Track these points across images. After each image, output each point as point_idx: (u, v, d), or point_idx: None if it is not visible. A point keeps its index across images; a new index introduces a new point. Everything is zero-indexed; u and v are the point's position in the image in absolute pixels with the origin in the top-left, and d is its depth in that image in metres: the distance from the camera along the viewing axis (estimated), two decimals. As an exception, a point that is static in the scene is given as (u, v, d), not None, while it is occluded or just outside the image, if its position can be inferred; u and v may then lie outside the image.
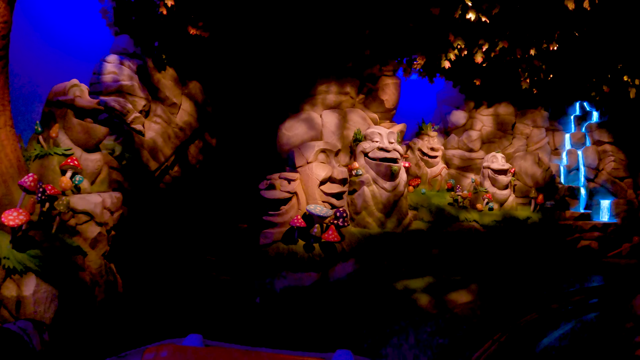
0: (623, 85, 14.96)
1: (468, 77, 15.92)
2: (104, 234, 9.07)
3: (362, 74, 14.69)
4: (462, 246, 13.47)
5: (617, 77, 14.79)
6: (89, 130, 9.29)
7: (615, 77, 14.88)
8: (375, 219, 12.06)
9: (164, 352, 3.71)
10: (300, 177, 11.37)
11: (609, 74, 15.01)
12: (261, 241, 10.98)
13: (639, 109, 16.36)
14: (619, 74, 14.61)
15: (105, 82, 11.96)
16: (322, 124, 13.20)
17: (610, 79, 15.05)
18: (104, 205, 9.00)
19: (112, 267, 9.60)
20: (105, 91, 11.81)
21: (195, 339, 4.04)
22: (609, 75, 15.05)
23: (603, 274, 13.93)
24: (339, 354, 3.84)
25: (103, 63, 12.22)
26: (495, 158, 15.47)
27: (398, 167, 12.11)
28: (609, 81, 15.12)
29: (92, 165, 9.29)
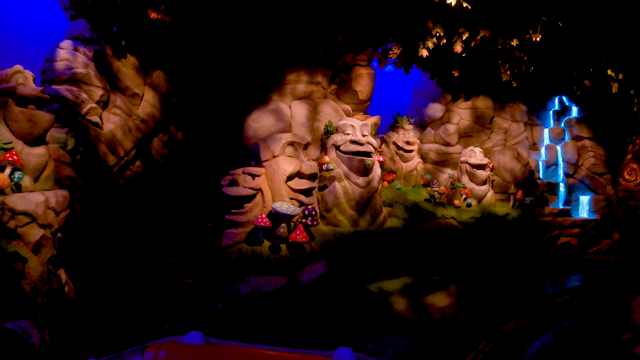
0: (605, 80, 14.56)
1: (446, 68, 15.27)
2: (49, 236, 8.09)
3: (334, 63, 13.92)
4: (440, 244, 12.85)
5: (600, 71, 14.35)
6: (32, 118, 8.34)
7: (597, 71, 14.42)
8: (347, 217, 11.30)
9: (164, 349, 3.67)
10: (266, 172, 10.55)
11: (591, 68, 14.54)
12: (223, 242, 10.13)
13: (618, 104, 16.01)
14: (602, 67, 14.15)
15: (58, 70, 10.96)
16: (291, 115, 12.39)
17: (593, 73, 14.59)
18: (47, 204, 8.03)
19: (60, 274, 8.69)
20: (57, 79, 10.81)
21: (196, 336, 3.97)
22: (591, 69, 14.60)
23: (583, 271, 13.55)
24: (340, 351, 3.81)
25: (56, 49, 11.21)
26: (473, 152, 14.88)
27: (371, 162, 11.37)
28: (591, 75, 14.65)
29: (35, 161, 8.33)
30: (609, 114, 16.92)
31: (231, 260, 9.92)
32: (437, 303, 10.21)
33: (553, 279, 12.76)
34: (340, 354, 3.80)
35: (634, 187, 16.64)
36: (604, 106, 16.82)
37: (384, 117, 15.77)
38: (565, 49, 14.11)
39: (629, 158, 16.85)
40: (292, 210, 9.90)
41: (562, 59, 14.56)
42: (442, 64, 15.11)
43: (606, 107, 16.74)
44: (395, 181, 14.42)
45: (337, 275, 10.70)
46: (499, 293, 11.05)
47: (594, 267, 14.02)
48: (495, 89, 16.69)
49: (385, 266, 11.45)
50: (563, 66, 14.96)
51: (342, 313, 9.54)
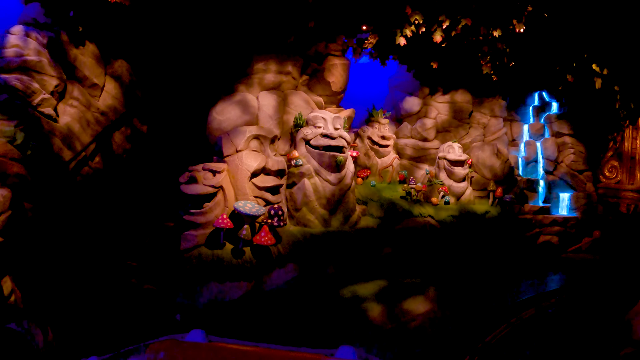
0: (588, 75, 14.04)
1: (424, 60, 14.53)
2: (-14, 242, 7.16)
3: (306, 52, 13.05)
4: (417, 244, 12.13)
5: (583, 66, 13.80)
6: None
7: (580, 66, 13.87)
8: (317, 216, 10.47)
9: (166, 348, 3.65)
10: (228, 169, 9.65)
11: (574, 63, 13.97)
12: (182, 245, 9.22)
13: (600, 101, 15.56)
14: (585, 62, 13.59)
15: (7, 57, 9.83)
16: (258, 107, 11.49)
17: (576, 67, 14.04)
18: (-19, 205, 7.07)
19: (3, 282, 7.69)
20: (6, 68, 9.69)
21: (198, 334, 3.99)
22: (574, 64, 14.04)
23: (565, 271, 13.05)
24: (342, 350, 3.82)
25: (6, 35, 10.07)
26: (451, 148, 14.19)
27: (344, 157, 10.56)
28: (574, 70, 14.09)
29: (-32, 157, 7.34)
30: (590, 111, 16.50)
31: (190, 265, 9.02)
32: (416, 309, 9.48)
33: (535, 280, 12.20)
34: (342, 352, 3.78)
35: (614, 184, 16.35)
36: (585, 102, 16.37)
37: (358, 110, 15.00)
38: (549, 42, 13.49)
39: (609, 155, 16.53)
40: (256, 210, 9.03)
41: (545, 52, 13.95)
42: (420, 55, 14.36)
43: (587, 103, 16.30)
44: (369, 177, 13.65)
45: (307, 279, 9.89)
46: (480, 295, 10.39)
47: (576, 266, 13.55)
48: (474, 83, 16.04)
49: (360, 268, 10.69)
50: (545, 60, 14.37)
51: (312, 322, 8.72)
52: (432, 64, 13.71)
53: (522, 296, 10.66)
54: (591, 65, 13.26)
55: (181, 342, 3.82)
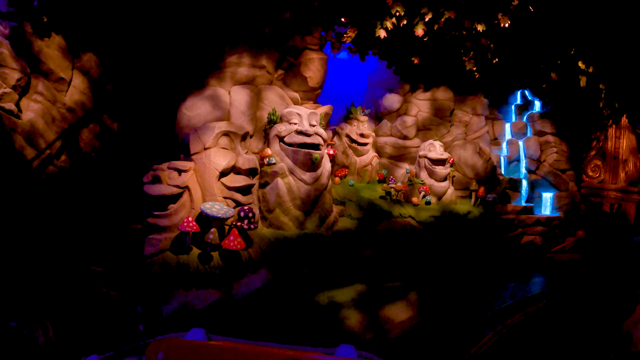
0: (572, 73, 13.66)
1: (405, 55, 14.02)
2: None
3: (282, 46, 12.45)
4: (397, 246, 11.60)
5: (568, 63, 13.41)
6: None
7: (566, 63, 13.48)
8: (292, 218, 9.86)
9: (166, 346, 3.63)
10: (195, 167, 8.99)
11: (559, 60, 13.58)
12: (146, 250, 8.53)
13: (584, 99, 15.25)
14: (571, 60, 13.19)
15: None
16: (230, 103, 10.86)
17: (561, 65, 13.64)
18: None
19: None
20: None
21: (198, 332, 3.97)
22: (559, 62, 13.64)
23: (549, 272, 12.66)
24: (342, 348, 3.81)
25: None
26: (432, 146, 13.70)
27: (320, 155, 9.97)
28: (558, 68, 13.70)
29: None
30: (573, 110, 16.19)
31: (154, 272, 8.36)
32: (396, 317, 8.89)
33: (519, 281, 11.77)
34: (342, 351, 3.77)
35: (597, 183, 16.07)
36: (568, 101, 16.05)
37: (337, 107, 14.45)
38: (534, 39, 13.05)
39: (592, 154, 16.25)
40: (224, 212, 8.39)
41: (529, 49, 13.52)
42: (401, 50, 13.85)
43: (570, 102, 15.97)
44: (347, 177, 13.10)
45: (281, 285, 9.29)
46: (463, 299, 9.89)
47: (560, 267, 13.16)
48: (456, 80, 15.57)
49: (337, 273, 10.10)
50: (529, 57, 13.94)
51: (286, 332, 8.11)
52: (414, 59, 13.21)
53: (507, 299, 10.20)
54: (577, 62, 12.85)
55: (181, 340, 3.80)
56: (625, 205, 15.23)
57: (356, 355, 3.82)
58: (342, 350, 3.85)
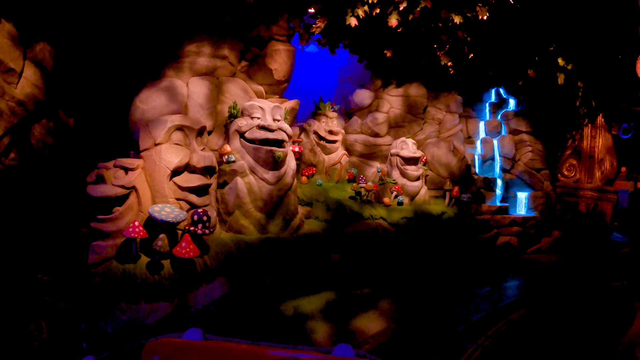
0: (550, 71, 13.17)
1: (377, 49, 13.33)
2: None
3: (246, 36, 11.61)
4: (368, 249, 10.90)
5: (547, 60, 12.89)
6: None
7: (543, 60, 12.96)
8: (253, 221, 9.03)
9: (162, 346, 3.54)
10: (144, 165, 8.11)
11: (537, 57, 13.04)
12: (90, 258, 7.62)
13: (559, 98, 14.83)
14: (549, 56, 12.66)
15: None
16: (188, 95, 9.98)
17: (538, 62, 13.12)
18: None
19: None
20: None
21: (195, 333, 3.77)
22: (537, 58, 13.12)
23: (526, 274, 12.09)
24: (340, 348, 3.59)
25: None
26: (405, 144, 13.04)
27: (283, 152, 9.16)
28: (536, 64, 13.17)
29: None
30: (549, 108, 15.78)
31: (97, 283, 7.46)
32: (368, 328, 8.13)
33: (497, 284, 11.18)
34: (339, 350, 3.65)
35: (572, 183, 15.67)
36: (543, 100, 15.63)
37: (305, 103, 13.69)
38: (513, 33, 12.46)
39: (568, 153, 15.85)
40: (174, 216, 7.53)
41: (507, 44, 12.94)
42: (373, 43, 13.15)
43: (546, 100, 15.56)
44: (315, 176, 12.34)
45: (241, 295, 8.47)
46: (439, 306, 9.21)
47: (537, 269, 12.63)
48: (430, 77, 15.03)
49: (303, 280, 9.34)
50: (507, 53, 13.38)
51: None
52: (386, 52, 12.52)
53: (486, 304, 9.58)
54: (556, 59, 12.32)
55: (177, 341, 3.67)
56: (602, 205, 14.86)
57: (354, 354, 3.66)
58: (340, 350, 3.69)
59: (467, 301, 9.76)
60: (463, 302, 9.68)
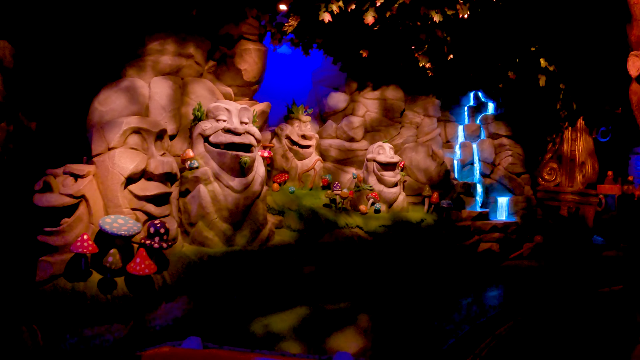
0: (530, 72, 12.76)
1: (352, 49, 12.77)
2: None
3: (215, 34, 10.96)
4: (344, 260, 10.24)
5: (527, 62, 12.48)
6: None
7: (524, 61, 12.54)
8: (217, 232, 8.27)
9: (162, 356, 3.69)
10: (97, 172, 7.36)
11: (518, 58, 12.62)
12: (37, 275, 6.81)
13: (540, 101, 14.48)
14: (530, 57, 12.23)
15: None
16: (150, 96, 9.23)
17: (519, 63, 12.70)
18: None
19: None
20: None
21: (194, 341, 3.99)
22: (518, 60, 12.69)
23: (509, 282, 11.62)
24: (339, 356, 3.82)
25: None
26: (382, 149, 12.45)
27: (250, 158, 8.43)
28: (517, 66, 12.74)
29: None
30: (528, 111, 15.46)
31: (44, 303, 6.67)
32: (346, 347, 7.46)
33: (480, 294, 10.69)
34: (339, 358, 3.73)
35: (553, 187, 15.43)
36: (523, 103, 15.28)
37: (279, 107, 13.04)
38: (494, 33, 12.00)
39: (548, 157, 15.59)
40: (127, 228, 6.79)
41: (488, 44, 12.48)
42: (348, 43, 12.57)
43: (525, 103, 15.21)
44: (288, 183, 11.66)
45: (205, 314, 7.74)
46: (421, 320, 8.60)
47: (520, 275, 12.21)
48: (407, 79, 14.51)
49: (274, 295, 8.64)
50: (487, 54, 12.93)
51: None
52: (362, 52, 11.98)
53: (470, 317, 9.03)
54: (537, 60, 11.89)
55: (177, 349, 3.76)
56: (584, 209, 14.55)
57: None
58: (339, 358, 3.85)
59: (450, 314, 9.20)
60: (446, 314, 9.12)
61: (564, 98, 13.35)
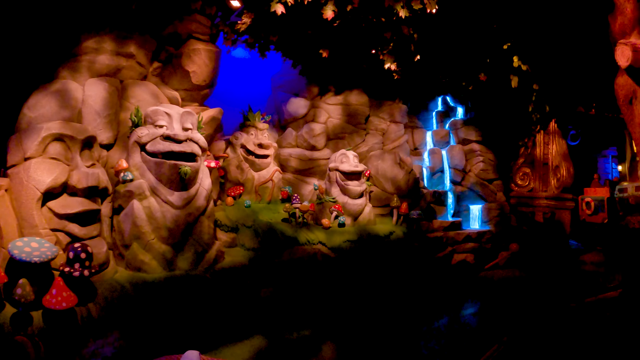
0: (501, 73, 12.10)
1: (311, 50, 11.87)
2: None
3: (161, 32, 9.94)
4: (305, 281, 9.25)
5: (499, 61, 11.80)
6: None
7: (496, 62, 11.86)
8: (156, 255, 7.17)
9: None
10: (10, 186, 6.23)
11: (489, 58, 11.92)
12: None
13: (509, 104, 13.86)
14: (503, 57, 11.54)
15: None
16: (83, 100, 8.13)
17: (490, 63, 12.00)
18: None
19: None
20: None
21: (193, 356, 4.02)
22: (488, 60, 11.99)
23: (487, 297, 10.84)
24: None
25: None
26: (345, 157, 11.52)
27: (192, 168, 7.35)
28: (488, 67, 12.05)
29: None
30: (499, 115, 14.81)
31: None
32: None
33: (457, 314, 9.82)
34: None
35: (526, 192, 14.80)
36: (493, 106, 14.63)
37: (236, 116, 12.03)
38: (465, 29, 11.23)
39: (521, 162, 14.95)
40: (39, 254, 5.66)
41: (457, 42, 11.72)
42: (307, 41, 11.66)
43: (496, 107, 14.57)
44: (243, 196, 10.60)
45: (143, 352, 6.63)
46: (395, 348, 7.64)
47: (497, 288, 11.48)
48: (371, 83, 13.66)
49: (225, 324, 7.59)
50: (457, 54, 12.17)
51: None
52: (322, 52, 11.07)
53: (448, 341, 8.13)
54: (511, 58, 11.17)
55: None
56: (560, 214, 13.94)
57: None
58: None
59: (426, 339, 8.30)
60: (422, 339, 8.22)
61: (537, 100, 12.70)
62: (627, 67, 6.09)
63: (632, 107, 6.72)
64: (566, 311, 9.06)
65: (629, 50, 6.04)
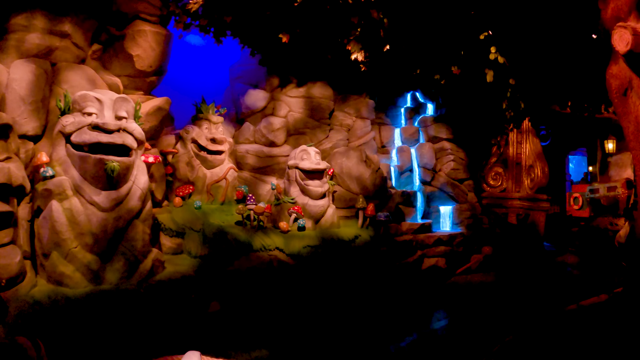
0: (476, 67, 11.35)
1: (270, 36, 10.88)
2: None
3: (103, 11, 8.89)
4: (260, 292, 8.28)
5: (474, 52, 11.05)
6: None
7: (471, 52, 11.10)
8: (79, 266, 6.08)
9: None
10: None
11: (462, 51, 11.14)
12: None
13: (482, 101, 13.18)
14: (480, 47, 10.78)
15: None
16: (7, 84, 6.99)
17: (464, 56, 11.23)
18: None
19: None
20: None
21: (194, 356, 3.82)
22: (462, 52, 11.21)
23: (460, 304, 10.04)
24: None
25: None
26: (306, 154, 10.56)
27: (121, 164, 6.25)
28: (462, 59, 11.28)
29: None
30: (471, 112, 14.15)
31: None
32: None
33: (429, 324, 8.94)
34: None
35: (499, 193, 14.22)
36: (465, 102, 13.96)
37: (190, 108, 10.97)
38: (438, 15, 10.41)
39: (493, 161, 14.33)
40: None
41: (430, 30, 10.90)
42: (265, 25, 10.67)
43: (468, 103, 13.89)
44: (193, 196, 9.54)
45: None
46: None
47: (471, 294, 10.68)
48: (337, 76, 12.79)
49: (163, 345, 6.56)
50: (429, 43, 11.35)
51: None
52: (281, 36, 10.09)
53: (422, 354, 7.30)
54: (487, 50, 10.39)
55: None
56: (534, 215, 13.36)
57: None
58: None
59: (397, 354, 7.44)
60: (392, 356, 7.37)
61: (511, 96, 12.01)
62: (626, 53, 5.32)
63: (627, 99, 5.98)
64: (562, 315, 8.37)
65: (628, 34, 5.27)
